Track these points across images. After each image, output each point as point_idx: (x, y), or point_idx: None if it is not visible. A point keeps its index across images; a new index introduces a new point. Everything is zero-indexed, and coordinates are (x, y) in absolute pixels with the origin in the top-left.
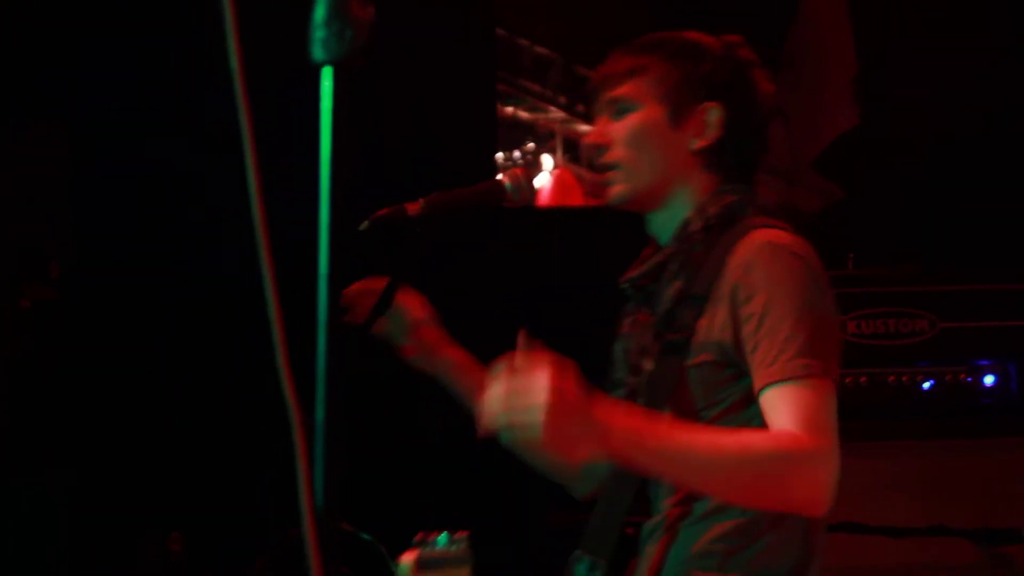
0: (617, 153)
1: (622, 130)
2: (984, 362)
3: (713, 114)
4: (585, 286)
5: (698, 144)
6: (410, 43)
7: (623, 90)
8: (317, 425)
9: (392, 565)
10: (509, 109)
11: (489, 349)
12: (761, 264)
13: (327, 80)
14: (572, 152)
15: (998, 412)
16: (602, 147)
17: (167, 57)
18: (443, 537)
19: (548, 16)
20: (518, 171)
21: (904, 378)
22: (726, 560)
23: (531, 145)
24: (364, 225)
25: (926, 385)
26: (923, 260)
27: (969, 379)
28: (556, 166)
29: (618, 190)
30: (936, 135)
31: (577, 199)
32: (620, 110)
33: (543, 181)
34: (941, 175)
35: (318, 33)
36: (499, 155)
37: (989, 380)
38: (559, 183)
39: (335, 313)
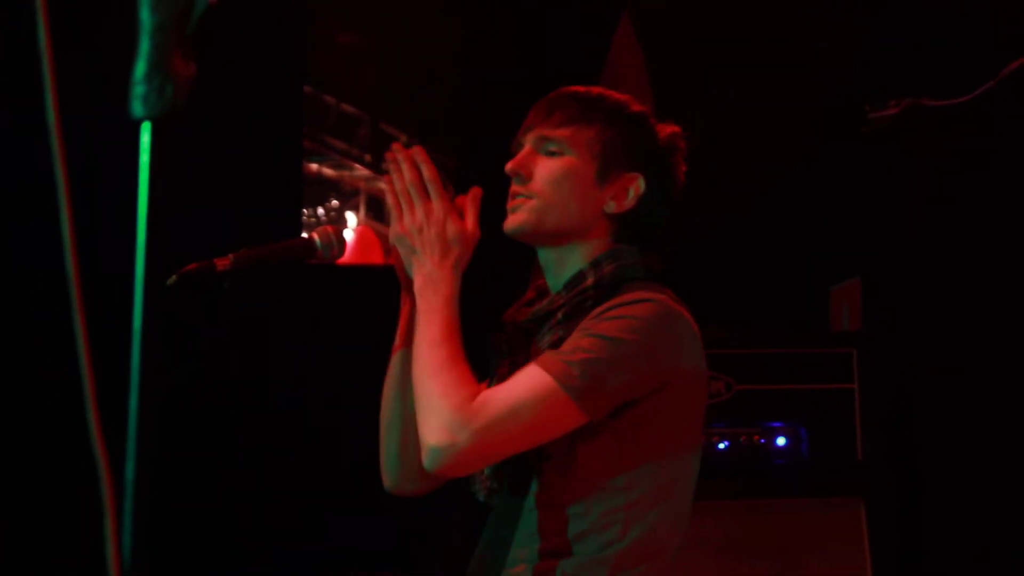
0: (536, 187)
1: (549, 168)
2: (776, 424)
3: (636, 185)
4: (385, 344)
5: (614, 208)
6: (218, 98)
7: (562, 133)
8: (127, 481)
9: None
10: (314, 166)
11: (289, 404)
12: (620, 302)
13: (146, 136)
14: (376, 210)
15: (789, 473)
16: (523, 176)
17: None
18: None
19: (355, 74)
20: (329, 228)
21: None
22: None
23: (335, 202)
24: (171, 280)
25: (721, 446)
26: (719, 323)
27: (762, 441)
28: (359, 223)
29: (522, 218)
30: (730, 199)
31: (378, 257)
32: (550, 151)
33: (346, 238)
34: (736, 238)
35: (138, 89)
36: (303, 211)
37: (781, 442)
38: (361, 240)
39: (147, 367)
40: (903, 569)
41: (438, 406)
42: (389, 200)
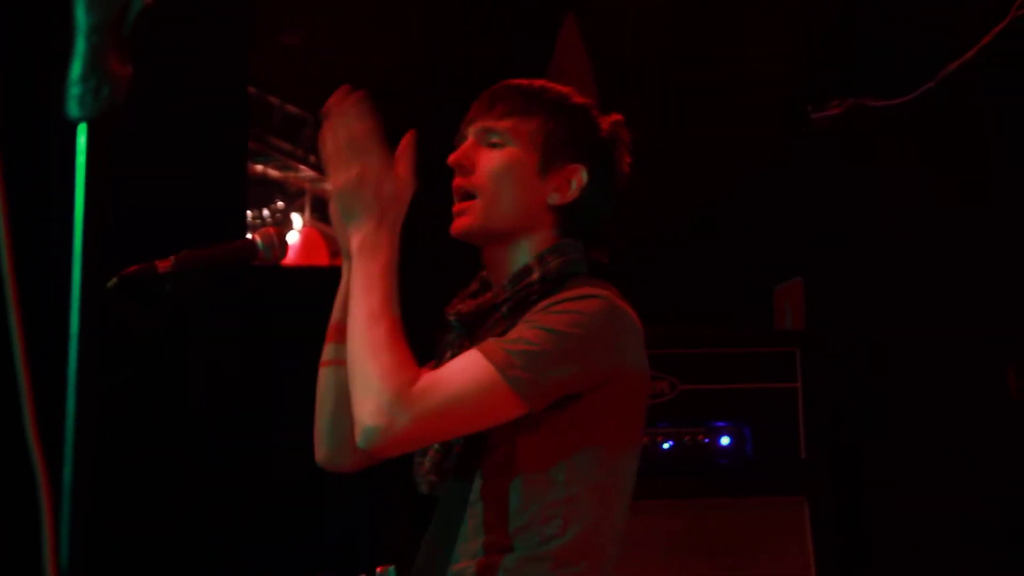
0: (479, 181)
1: (491, 160)
2: (721, 423)
3: (578, 176)
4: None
5: (557, 200)
6: (161, 98)
7: (504, 124)
8: (64, 484)
9: None
10: (259, 167)
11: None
12: (565, 296)
13: (82, 137)
14: (321, 211)
15: (733, 472)
16: (465, 168)
17: None
18: (391, 571)
19: (300, 75)
20: (271, 229)
21: (645, 439)
22: None
23: (280, 203)
24: (112, 282)
25: (665, 445)
26: (663, 323)
27: (706, 440)
28: (304, 224)
29: (469, 222)
30: (674, 197)
31: (323, 258)
32: (492, 143)
33: (291, 239)
34: (680, 236)
35: (74, 89)
36: (248, 213)
37: (725, 441)
38: (307, 242)
39: (85, 370)
40: (847, 567)
41: (376, 387)
42: (326, 152)
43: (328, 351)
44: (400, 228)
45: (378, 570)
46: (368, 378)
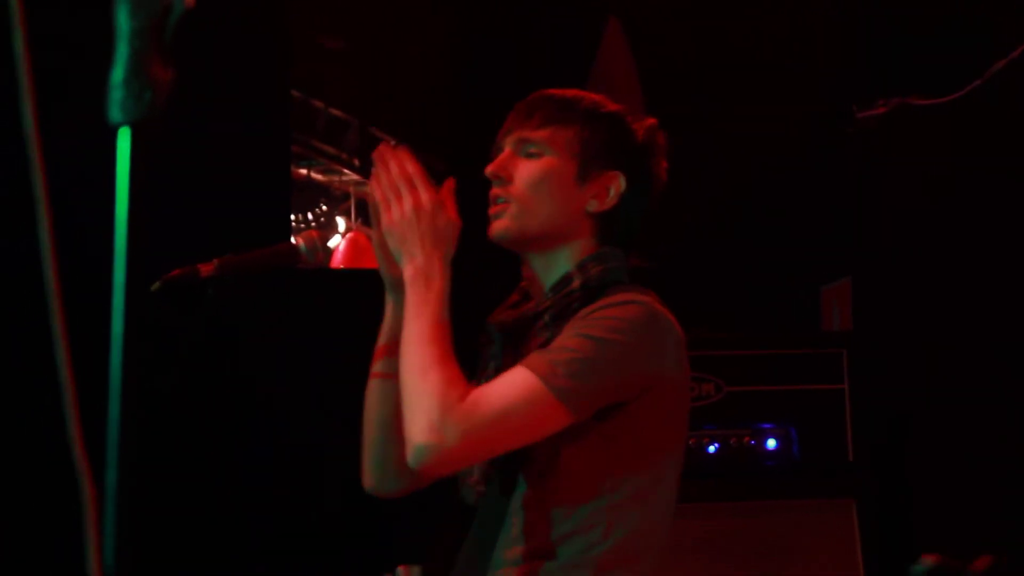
0: (517, 190)
1: (529, 170)
2: (767, 426)
3: (616, 183)
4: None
5: (596, 207)
6: (205, 102)
7: (541, 134)
8: (108, 487)
9: None
10: (303, 170)
11: (282, 407)
12: (606, 303)
13: (124, 141)
14: (366, 214)
15: (780, 475)
16: (503, 179)
17: None
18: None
19: (344, 79)
20: (313, 233)
21: (691, 441)
22: None
23: (324, 207)
24: (156, 286)
25: (712, 448)
26: (709, 325)
27: (753, 442)
28: (350, 228)
29: (505, 225)
30: (721, 199)
31: (371, 261)
32: (530, 152)
33: (336, 243)
34: (727, 238)
35: (116, 94)
36: (292, 216)
37: (772, 444)
38: (353, 245)
39: (130, 375)
40: (895, 569)
41: (427, 405)
42: (377, 195)
43: (378, 364)
44: (451, 262)
45: (400, 569)
46: (420, 396)
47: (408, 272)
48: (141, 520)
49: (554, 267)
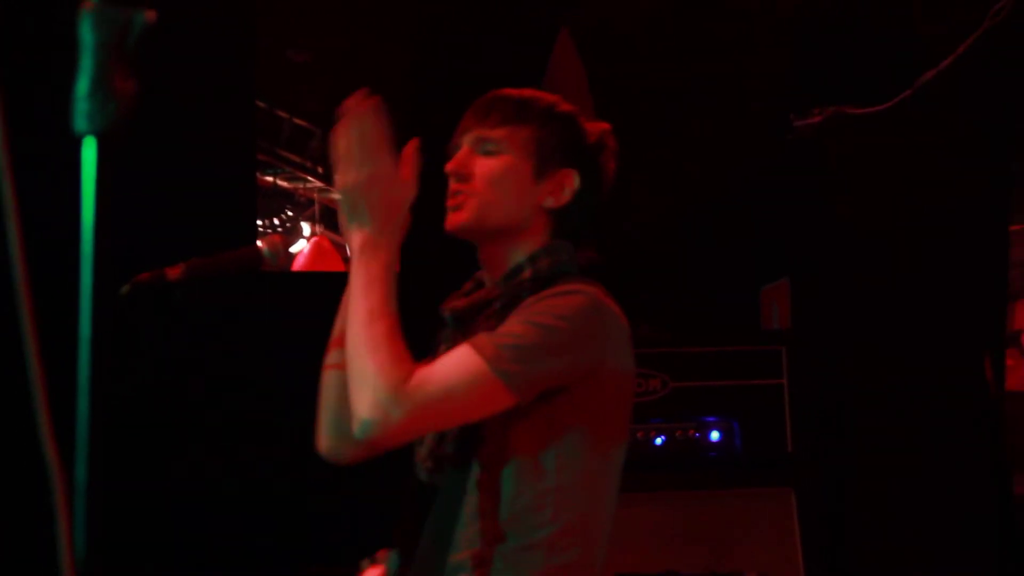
0: (476, 186)
1: (487, 167)
2: (710, 419)
3: (570, 180)
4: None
5: (551, 204)
6: (173, 112)
7: (498, 133)
8: (78, 483)
9: None
10: (269, 178)
11: (245, 406)
12: (552, 292)
13: (89, 150)
14: (330, 220)
15: (723, 465)
16: (463, 176)
17: None
18: (393, 556)
19: (307, 90)
20: (276, 237)
21: (639, 434)
22: None
23: (289, 212)
24: (125, 289)
25: (658, 440)
26: (654, 322)
27: (697, 435)
28: (314, 233)
29: (463, 217)
30: (665, 201)
31: (336, 265)
32: (488, 150)
33: (301, 247)
34: (670, 239)
35: (81, 105)
36: (259, 222)
37: (715, 436)
38: (317, 249)
39: (97, 373)
40: (832, 556)
41: (373, 382)
42: (339, 150)
43: (332, 356)
44: (403, 233)
45: (378, 555)
46: (365, 373)
47: (357, 240)
48: (109, 514)
49: (508, 258)
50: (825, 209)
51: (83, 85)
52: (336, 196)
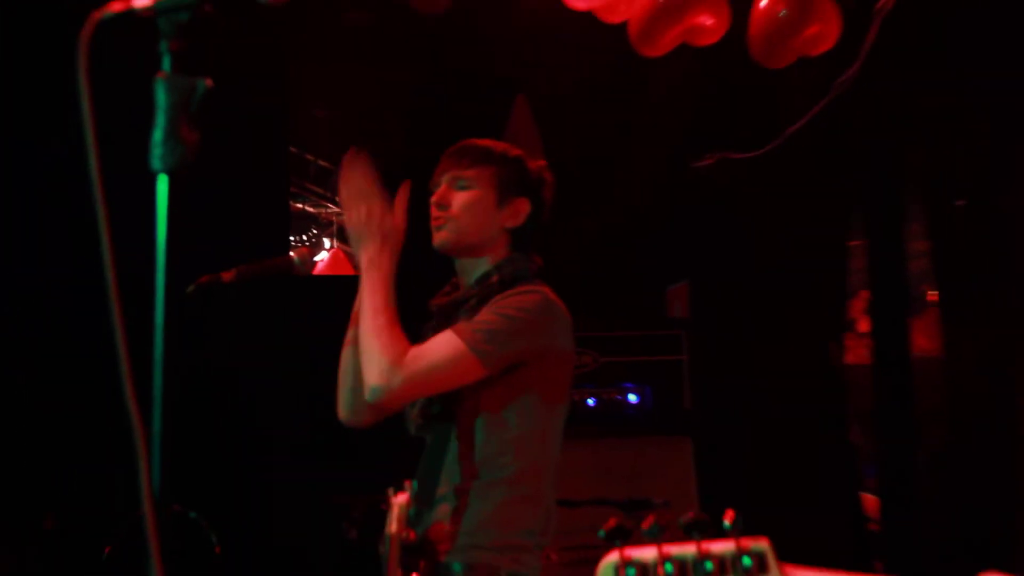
0: (452, 213)
1: (462, 199)
2: (629, 385)
3: (524, 206)
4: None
5: (511, 225)
6: (225, 155)
7: (469, 173)
8: (154, 431)
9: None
10: (299, 204)
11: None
12: (514, 292)
13: (162, 185)
14: (344, 236)
15: (639, 420)
16: (443, 206)
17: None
18: (414, 485)
19: (328, 138)
20: (304, 249)
21: (576, 397)
22: (505, 529)
23: (314, 231)
24: (190, 288)
25: (590, 402)
26: (588, 312)
27: (619, 397)
28: (332, 247)
29: (444, 237)
30: (599, 225)
31: (348, 271)
32: (462, 186)
33: (323, 257)
34: (603, 251)
35: (156, 150)
36: (291, 238)
37: (633, 398)
38: (334, 259)
39: (168, 352)
40: (718, 488)
41: (378, 358)
42: (342, 198)
43: (350, 335)
44: (399, 252)
45: (405, 483)
46: (373, 351)
47: (363, 260)
48: (177, 459)
49: (478, 267)
50: (715, 229)
51: (158, 134)
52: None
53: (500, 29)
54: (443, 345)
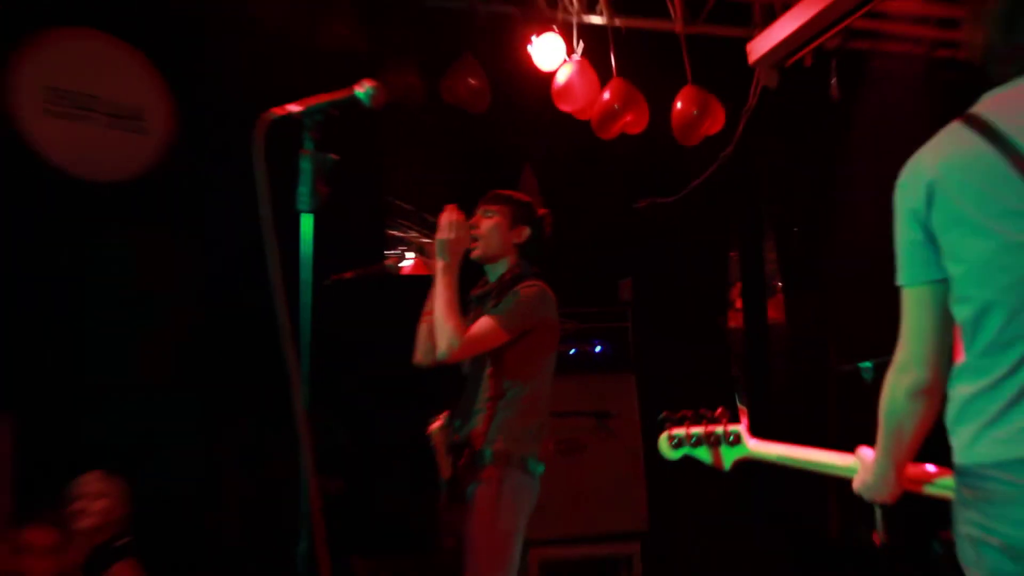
0: (481, 233)
1: (487, 223)
2: (596, 342)
3: (527, 231)
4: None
5: (518, 242)
6: (344, 199)
7: (493, 207)
8: (304, 404)
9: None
10: (391, 231)
11: (382, 344)
12: (523, 286)
13: (307, 222)
14: (422, 252)
15: (602, 361)
16: (477, 227)
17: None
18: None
19: (408, 191)
20: (394, 259)
21: (562, 348)
22: (518, 429)
23: (401, 248)
24: (327, 282)
25: (572, 352)
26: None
27: (589, 349)
28: (413, 257)
29: (478, 252)
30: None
31: (424, 272)
32: (488, 215)
33: (407, 264)
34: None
35: (302, 198)
36: (386, 252)
37: (598, 349)
38: (415, 266)
39: (312, 334)
40: (652, 404)
41: (448, 334)
42: (441, 224)
43: (425, 313)
44: (461, 262)
45: (439, 417)
46: (444, 328)
47: (440, 266)
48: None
49: (498, 269)
50: (649, 246)
51: (303, 188)
52: (430, 242)
53: (512, 118)
54: (483, 325)
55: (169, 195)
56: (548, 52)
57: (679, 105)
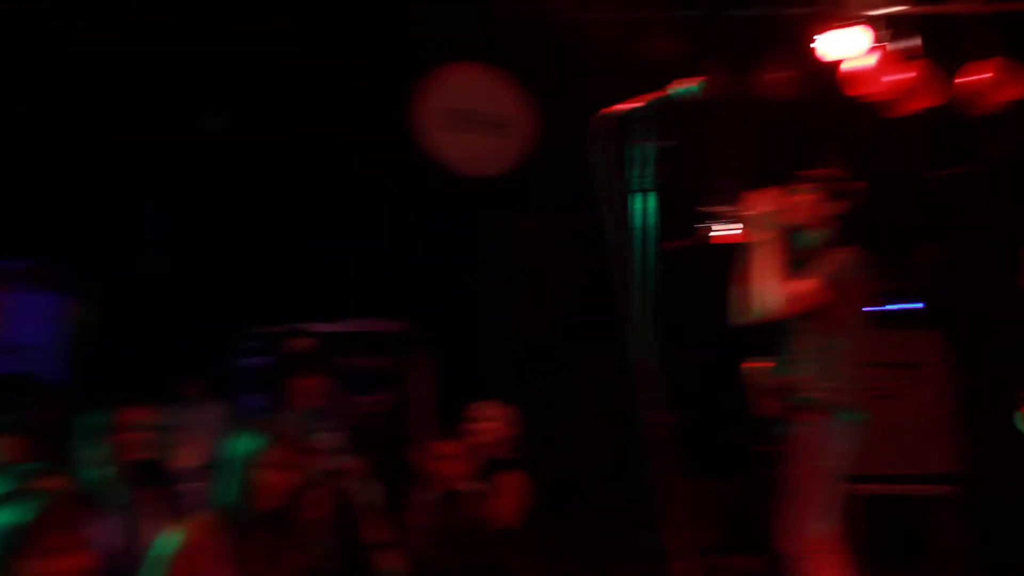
0: (800, 206)
1: (806, 199)
2: (905, 300)
3: (839, 203)
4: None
5: (832, 212)
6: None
7: (810, 184)
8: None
9: None
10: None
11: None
12: (838, 254)
13: (650, 200)
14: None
15: (912, 319)
16: (796, 202)
17: None
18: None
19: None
20: (708, 230)
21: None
22: (841, 378)
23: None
24: (665, 248)
25: (883, 308)
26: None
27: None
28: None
29: (798, 223)
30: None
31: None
32: (806, 190)
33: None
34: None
35: (647, 178)
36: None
37: (906, 306)
38: (728, 236)
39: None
40: None
41: (771, 291)
42: (753, 203)
43: (739, 275)
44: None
45: (749, 362)
46: (768, 289)
47: (763, 238)
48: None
49: (815, 239)
50: (951, 211)
51: (648, 170)
52: (756, 215)
53: (817, 105)
54: (805, 286)
55: (528, 184)
56: (848, 43)
57: (975, 76)
